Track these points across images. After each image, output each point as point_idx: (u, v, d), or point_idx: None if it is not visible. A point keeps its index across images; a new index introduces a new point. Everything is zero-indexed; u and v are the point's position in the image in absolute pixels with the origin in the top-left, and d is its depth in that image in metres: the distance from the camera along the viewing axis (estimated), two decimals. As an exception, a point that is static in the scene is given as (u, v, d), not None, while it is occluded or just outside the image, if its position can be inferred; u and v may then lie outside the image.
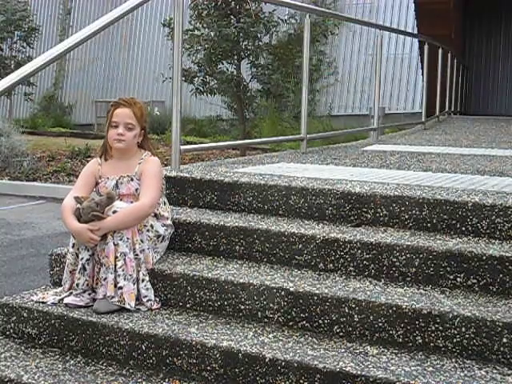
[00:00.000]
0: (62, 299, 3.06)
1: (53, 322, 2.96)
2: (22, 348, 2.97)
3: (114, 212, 3.00)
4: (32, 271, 4.86)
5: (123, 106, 3.18)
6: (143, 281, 3.01)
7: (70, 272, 3.09)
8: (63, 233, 5.90)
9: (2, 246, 5.66)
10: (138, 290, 3.00)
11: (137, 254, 3.01)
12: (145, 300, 3.00)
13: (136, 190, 3.16)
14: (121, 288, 2.95)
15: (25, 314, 3.03)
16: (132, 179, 3.18)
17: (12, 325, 3.08)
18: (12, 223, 6.63)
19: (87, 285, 3.03)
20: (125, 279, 2.95)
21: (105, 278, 2.95)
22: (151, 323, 2.83)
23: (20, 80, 2.96)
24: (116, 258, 2.95)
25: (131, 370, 2.75)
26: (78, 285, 3.03)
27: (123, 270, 2.95)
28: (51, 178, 8.93)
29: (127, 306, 2.95)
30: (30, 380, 2.64)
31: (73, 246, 3.07)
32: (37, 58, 3.06)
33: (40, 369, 2.75)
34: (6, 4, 16.39)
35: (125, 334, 2.79)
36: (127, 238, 2.98)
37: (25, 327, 3.04)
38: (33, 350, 2.95)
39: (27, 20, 16.80)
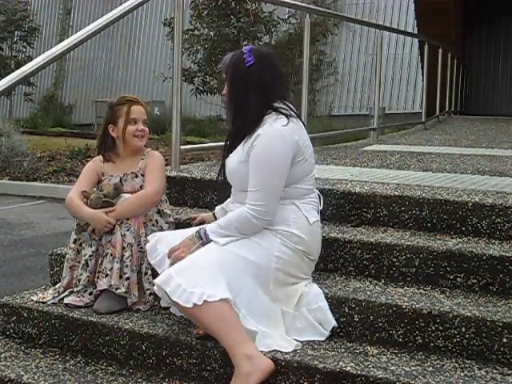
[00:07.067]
0: (62, 299, 3.06)
1: (53, 321, 2.96)
2: (22, 348, 2.97)
3: None
4: (32, 271, 4.86)
5: (137, 103, 3.20)
6: (146, 274, 3.02)
7: (70, 268, 3.09)
8: (63, 233, 5.91)
9: (2, 245, 5.66)
10: (142, 283, 3.01)
11: (141, 247, 3.01)
12: (147, 293, 3.01)
13: (141, 186, 3.15)
14: (128, 279, 2.95)
15: (25, 314, 3.03)
16: (136, 175, 3.18)
17: (12, 325, 3.08)
18: (12, 223, 6.63)
19: (88, 281, 3.03)
20: (132, 270, 2.96)
21: (110, 268, 2.94)
22: (151, 323, 2.83)
23: (20, 80, 2.96)
24: (123, 248, 2.96)
25: (131, 370, 2.75)
26: (79, 280, 3.03)
27: (130, 261, 2.96)
28: (51, 178, 8.92)
29: (132, 297, 2.95)
30: (29, 380, 2.65)
31: (74, 242, 3.07)
32: (37, 58, 3.06)
33: (40, 369, 2.75)
34: (6, 4, 16.41)
35: (125, 333, 2.79)
36: (134, 230, 2.99)
37: (25, 327, 3.04)
38: (33, 350, 2.95)
39: (27, 20, 16.82)
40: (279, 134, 2.65)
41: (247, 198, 2.65)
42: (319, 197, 2.86)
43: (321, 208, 2.85)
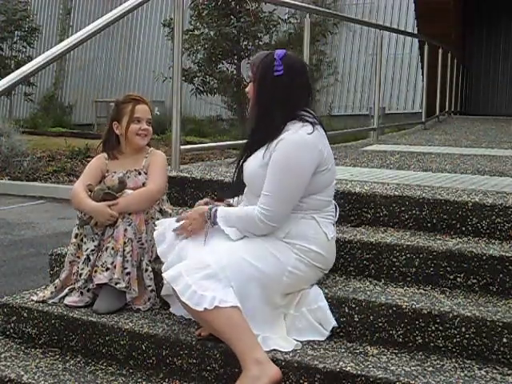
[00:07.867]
0: (63, 298, 3.06)
1: (53, 321, 2.96)
2: (22, 348, 2.97)
3: None
4: (32, 271, 4.86)
5: (142, 103, 3.22)
6: (146, 270, 3.02)
7: (70, 263, 3.09)
8: (63, 233, 5.91)
9: (2, 245, 5.66)
10: (142, 280, 3.01)
11: (142, 243, 3.02)
12: (148, 289, 3.01)
13: (143, 184, 3.16)
14: (129, 274, 2.95)
15: (25, 314, 3.03)
16: (140, 173, 3.19)
17: (12, 325, 3.08)
18: (12, 223, 6.63)
19: (89, 276, 3.02)
20: (132, 265, 2.96)
21: (112, 262, 2.94)
22: (151, 323, 2.83)
23: (20, 80, 2.96)
24: (124, 243, 2.97)
25: (131, 370, 2.75)
26: (80, 275, 3.02)
27: (131, 256, 2.96)
28: (51, 178, 8.92)
29: (132, 292, 2.96)
30: (29, 380, 2.64)
31: (76, 237, 3.08)
32: (37, 58, 3.06)
33: (40, 369, 2.75)
34: (6, 4, 16.42)
35: (125, 333, 2.79)
36: (134, 225, 3.00)
37: (25, 327, 3.04)
38: (33, 350, 2.95)
39: (27, 20, 16.83)
40: (303, 142, 2.60)
41: (259, 199, 2.62)
42: (335, 208, 2.83)
43: (336, 220, 2.83)
